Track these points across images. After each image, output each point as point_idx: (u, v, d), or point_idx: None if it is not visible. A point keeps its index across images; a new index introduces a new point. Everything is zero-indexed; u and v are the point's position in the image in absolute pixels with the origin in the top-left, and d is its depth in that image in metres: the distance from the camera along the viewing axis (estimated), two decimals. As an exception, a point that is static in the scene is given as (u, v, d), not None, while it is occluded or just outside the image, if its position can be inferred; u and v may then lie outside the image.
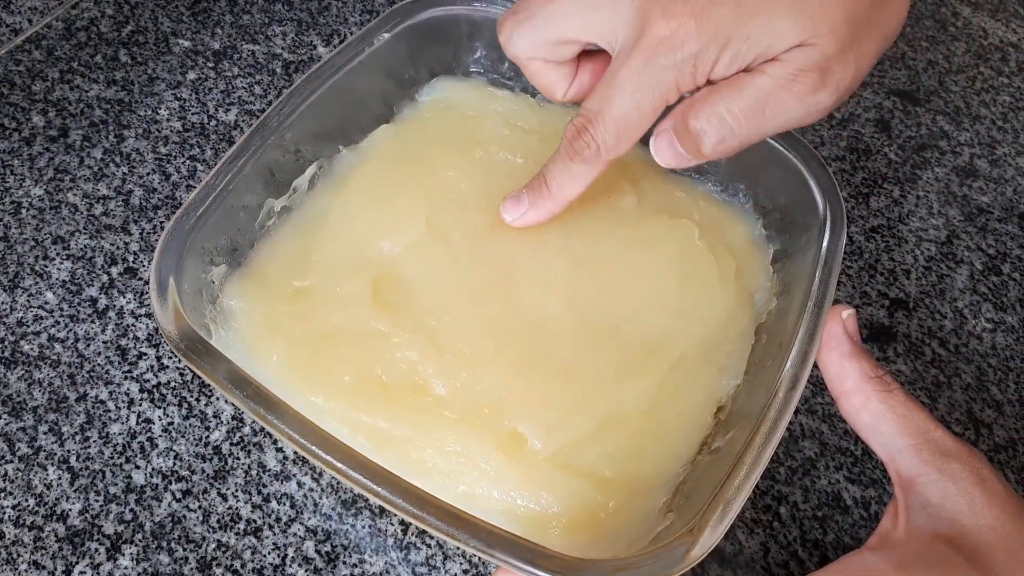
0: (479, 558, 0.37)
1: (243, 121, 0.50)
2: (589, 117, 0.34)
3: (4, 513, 0.36)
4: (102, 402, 0.39)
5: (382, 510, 0.38)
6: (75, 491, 0.37)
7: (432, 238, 0.39)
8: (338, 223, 0.40)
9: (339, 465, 0.31)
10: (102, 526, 0.36)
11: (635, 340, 0.38)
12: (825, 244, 0.38)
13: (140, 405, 0.40)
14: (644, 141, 0.36)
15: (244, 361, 0.36)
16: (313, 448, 0.31)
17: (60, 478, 0.37)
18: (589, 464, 0.35)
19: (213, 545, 0.36)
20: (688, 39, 0.31)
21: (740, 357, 0.39)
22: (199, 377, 0.41)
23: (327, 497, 0.38)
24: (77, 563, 0.35)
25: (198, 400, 0.40)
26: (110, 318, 0.42)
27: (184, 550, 0.36)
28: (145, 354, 0.41)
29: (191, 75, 0.52)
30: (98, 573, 0.35)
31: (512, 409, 0.35)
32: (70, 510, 0.36)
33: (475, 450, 0.34)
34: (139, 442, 0.38)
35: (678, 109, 0.34)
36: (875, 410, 0.32)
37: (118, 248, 0.44)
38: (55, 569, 0.35)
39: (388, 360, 0.36)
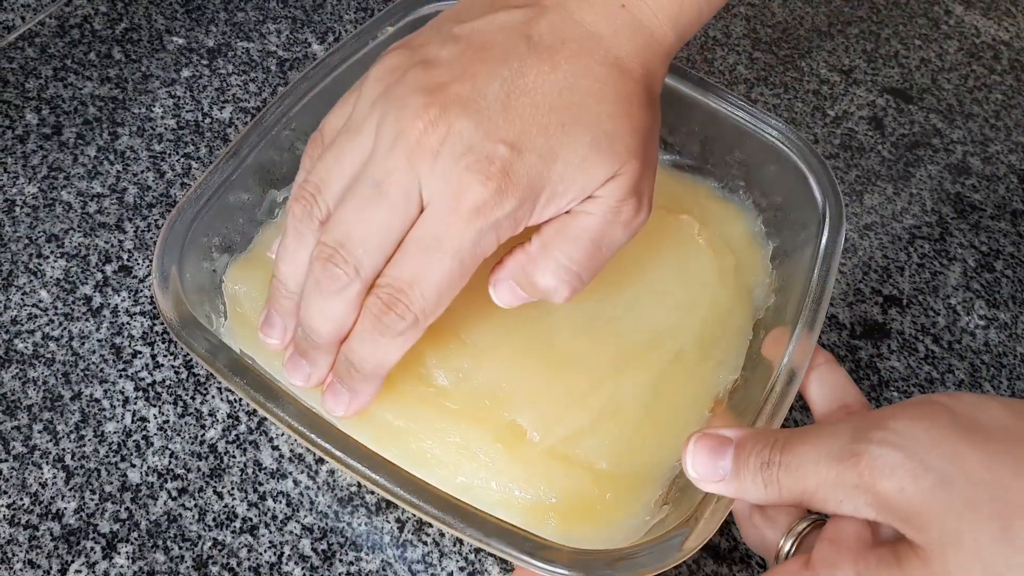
0: (476, 555, 0.37)
1: (238, 119, 0.50)
2: (400, 287, 0.31)
3: (-1, 512, 0.36)
4: (97, 400, 0.39)
5: (378, 507, 0.38)
6: (70, 490, 0.37)
7: None
8: None
9: (337, 453, 0.31)
10: (97, 525, 0.36)
11: (634, 334, 0.38)
12: (824, 240, 0.38)
13: (135, 403, 0.39)
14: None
15: (248, 346, 0.36)
16: (312, 436, 0.31)
17: (55, 477, 0.37)
18: (586, 456, 0.35)
19: (209, 543, 0.36)
20: (505, 199, 0.30)
21: (738, 352, 0.39)
22: (199, 365, 0.41)
23: (323, 495, 0.38)
24: (72, 562, 0.35)
25: (193, 398, 0.40)
26: (104, 316, 0.42)
27: (180, 548, 0.36)
28: (140, 352, 0.41)
29: (185, 73, 0.52)
30: (93, 572, 0.35)
31: (511, 401, 0.36)
32: (65, 509, 0.36)
33: (474, 441, 0.35)
34: (134, 440, 0.38)
35: (515, 262, 0.33)
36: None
37: (112, 246, 0.44)
38: (50, 568, 0.35)
39: None
